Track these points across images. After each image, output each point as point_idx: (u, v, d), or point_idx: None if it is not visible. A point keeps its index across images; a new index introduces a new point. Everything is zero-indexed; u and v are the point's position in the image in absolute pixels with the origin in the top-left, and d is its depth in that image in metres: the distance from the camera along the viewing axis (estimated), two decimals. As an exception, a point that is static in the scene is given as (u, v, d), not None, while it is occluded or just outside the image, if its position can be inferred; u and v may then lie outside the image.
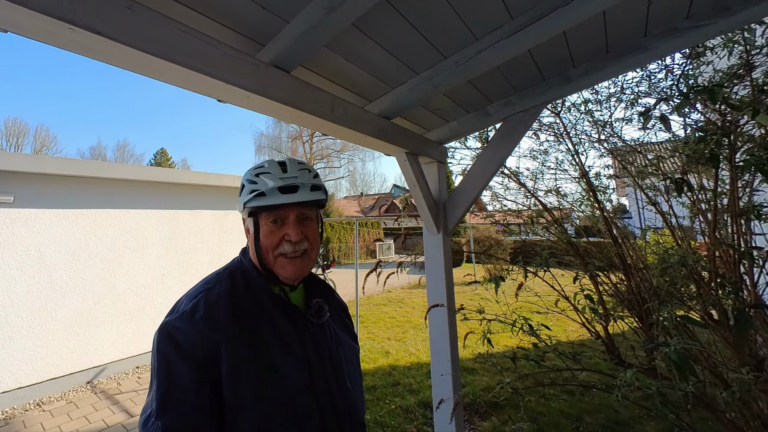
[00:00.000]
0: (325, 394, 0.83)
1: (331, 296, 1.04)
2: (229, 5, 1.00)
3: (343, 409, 0.85)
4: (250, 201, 0.84)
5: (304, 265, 0.89)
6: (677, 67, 1.81)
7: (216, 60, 0.96)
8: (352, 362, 0.96)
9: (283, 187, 0.84)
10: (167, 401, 0.69)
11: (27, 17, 0.69)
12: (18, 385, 3.72)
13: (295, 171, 0.88)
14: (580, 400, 3.55)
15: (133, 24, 0.81)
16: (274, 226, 0.86)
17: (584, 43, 1.53)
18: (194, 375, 0.71)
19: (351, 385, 0.91)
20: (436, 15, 1.20)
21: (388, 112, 1.68)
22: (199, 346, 0.73)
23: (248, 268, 0.90)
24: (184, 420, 0.68)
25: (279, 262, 0.87)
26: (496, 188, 3.15)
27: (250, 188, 0.86)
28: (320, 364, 0.85)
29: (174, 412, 0.68)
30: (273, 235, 0.86)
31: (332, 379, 0.86)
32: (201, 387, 0.71)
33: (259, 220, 0.87)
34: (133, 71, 0.90)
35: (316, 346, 0.87)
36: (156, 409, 0.69)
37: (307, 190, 0.86)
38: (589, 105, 2.54)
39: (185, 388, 0.70)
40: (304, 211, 0.89)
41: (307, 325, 0.88)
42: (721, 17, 1.35)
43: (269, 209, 0.85)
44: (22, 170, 3.74)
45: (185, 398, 0.70)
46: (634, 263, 2.08)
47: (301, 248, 0.87)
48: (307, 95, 1.25)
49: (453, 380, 1.99)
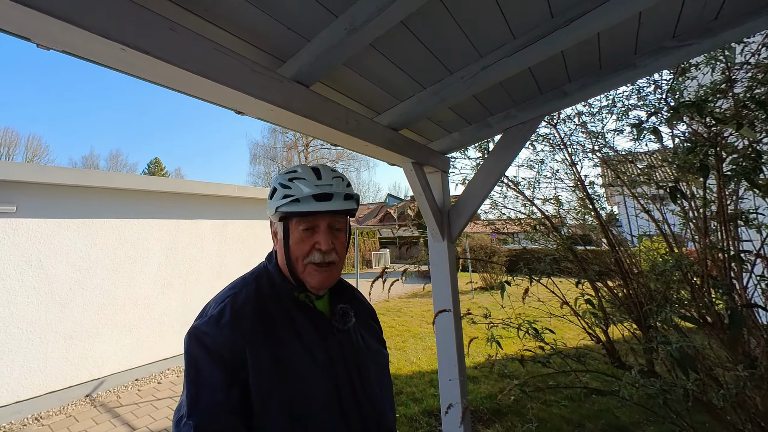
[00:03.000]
0: (350, 400, 0.82)
1: (358, 301, 1.04)
2: (255, 24, 1.08)
3: (370, 416, 0.85)
4: (283, 206, 0.84)
5: (331, 276, 0.88)
6: (665, 82, 1.93)
7: (246, 76, 1.04)
8: (381, 368, 0.96)
9: (318, 194, 0.83)
10: (198, 402, 0.71)
11: (86, 39, 0.76)
12: (16, 399, 3.65)
13: (330, 179, 0.88)
14: (581, 406, 3.58)
15: (176, 44, 0.88)
16: (305, 234, 0.86)
17: (580, 60, 1.65)
18: (223, 376, 0.73)
19: (379, 391, 0.90)
20: (446, 34, 1.30)
21: (396, 123, 1.77)
22: (226, 349, 0.75)
23: (274, 273, 0.91)
24: (215, 419, 0.70)
25: (308, 271, 0.87)
26: (495, 197, 3.26)
27: (283, 192, 0.85)
28: (345, 370, 0.85)
29: (205, 412, 0.70)
30: (304, 243, 0.86)
31: (358, 385, 0.85)
32: (230, 388, 0.73)
33: (290, 226, 0.87)
34: (173, 89, 0.97)
35: (342, 351, 0.87)
36: (188, 409, 0.71)
37: (341, 199, 0.86)
38: (582, 117, 2.68)
39: (215, 389, 0.72)
40: (336, 219, 0.89)
41: (332, 331, 0.88)
42: (705, 38, 1.47)
43: (302, 215, 0.85)
44: (25, 180, 3.75)
45: (215, 399, 0.71)
46: (630, 269, 2.16)
47: (329, 259, 0.87)
48: (325, 108, 1.32)
49: (461, 384, 2.03)
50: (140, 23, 0.82)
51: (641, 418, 3.27)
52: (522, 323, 1.92)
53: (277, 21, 1.09)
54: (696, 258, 1.64)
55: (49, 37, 0.77)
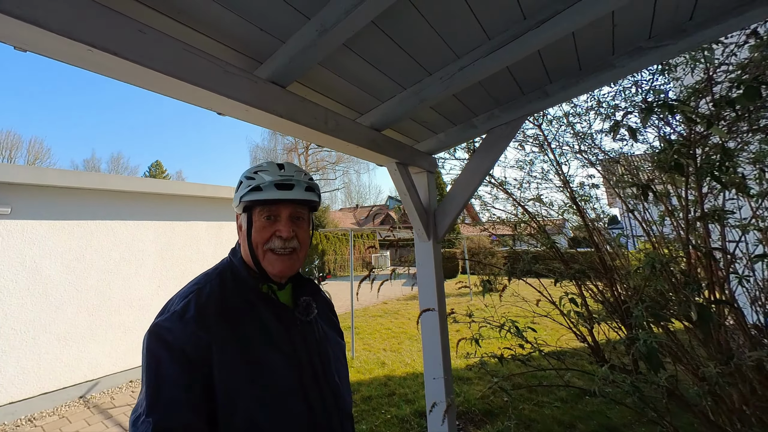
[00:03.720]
0: (314, 388, 0.85)
1: (318, 294, 1.07)
2: (229, 27, 1.10)
3: (331, 403, 0.88)
4: (246, 195, 0.88)
5: (292, 263, 0.91)
6: (645, 82, 1.94)
7: (218, 77, 1.06)
8: (339, 358, 0.99)
9: (279, 183, 0.87)
10: (158, 399, 0.70)
11: (50, 39, 0.78)
12: (9, 400, 3.67)
13: (292, 171, 0.91)
14: (572, 407, 3.58)
15: (144, 45, 0.90)
16: (267, 222, 0.89)
17: (558, 61, 1.67)
18: (184, 373, 0.73)
19: (339, 379, 0.94)
20: (420, 36, 1.32)
21: (378, 124, 1.79)
22: (189, 345, 0.75)
23: (238, 267, 0.92)
24: (175, 416, 0.69)
25: (268, 258, 0.89)
26: (486, 197, 3.27)
27: (247, 183, 0.89)
28: (309, 359, 0.88)
29: (164, 410, 0.69)
30: (265, 231, 0.89)
31: (321, 374, 0.89)
32: (191, 385, 0.72)
33: (253, 215, 0.90)
34: (143, 87, 0.99)
35: (305, 342, 0.90)
36: (146, 407, 0.70)
37: (302, 189, 0.89)
38: (570, 118, 2.70)
39: (175, 386, 0.71)
40: (297, 209, 0.92)
41: (296, 322, 0.91)
42: (680, 38, 1.49)
43: (264, 204, 0.89)
44: (20, 182, 3.78)
45: (175, 396, 0.70)
46: (613, 268, 2.18)
47: (291, 246, 0.90)
48: (303, 109, 1.34)
49: (445, 383, 2.04)
50: (107, 25, 0.84)
51: (633, 419, 3.26)
52: (505, 322, 1.93)
53: (251, 24, 1.11)
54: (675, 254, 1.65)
55: (20, 39, 0.79)
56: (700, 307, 1.02)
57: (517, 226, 2.34)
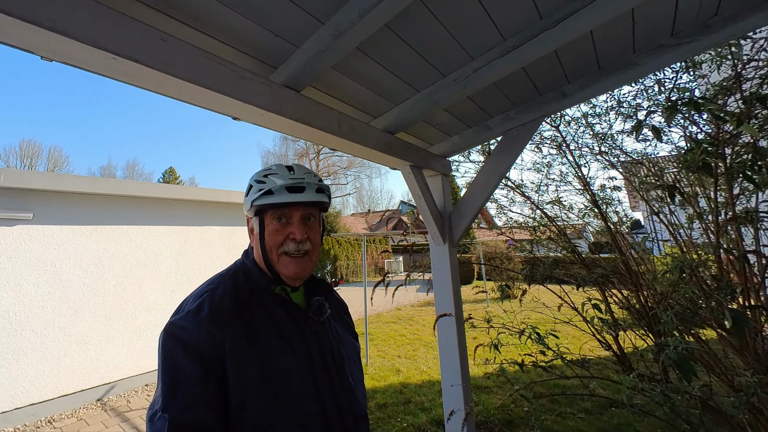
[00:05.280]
0: (327, 389, 0.85)
1: (331, 294, 1.07)
2: (246, 33, 1.11)
3: (346, 404, 0.87)
4: (257, 199, 0.87)
5: (306, 266, 0.91)
6: (669, 81, 1.88)
7: (235, 82, 1.07)
8: (353, 359, 0.99)
9: (290, 186, 0.87)
10: (174, 395, 0.71)
11: (78, 49, 0.80)
12: (30, 402, 3.76)
13: (302, 173, 0.92)
14: (597, 419, 3.44)
15: (166, 53, 0.91)
16: (279, 225, 0.89)
17: (576, 60, 1.63)
18: (200, 370, 0.73)
19: (353, 380, 0.93)
20: (434, 38, 1.31)
21: (392, 127, 1.78)
22: (204, 343, 0.75)
23: (251, 268, 0.92)
24: (190, 412, 0.70)
25: (282, 261, 0.89)
26: (502, 201, 3.21)
27: (258, 187, 0.89)
28: (322, 360, 0.88)
29: (180, 406, 0.70)
30: (278, 234, 0.89)
31: (334, 375, 0.88)
32: (206, 382, 0.73)
33: (265, 219, 0.90)
34: (164, 94, 1.00)
35: (318, 342, 0.89)
36: (163, 403, 0.71)
37: (313, 190, 0.89)
38: (589, 118, 2.63)
39: (191, 383, 0.72)
40: (309, 210, 0.92)
41: (309, 323, 0.91)
42: (703, 35, 1.44)
43: (275, 207, 0.88)
44: (41, 188, 3.91)
45: (191, 392, 0.71)
46: (639, 273, 2.10)
47: (304, 248, 0.90)
48: (316, 112, 1.34)
49: (464, 390, 1.99)
50: (131, 34, 0.86)
51: (663, 431, 3.12)
52: (525, 328, 1.87)
53: (266, 29, 1.12)
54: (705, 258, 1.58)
55: (48, 49, 0.81)
56: (734, 312, 0.96)
57: (536, 229, 2.28)
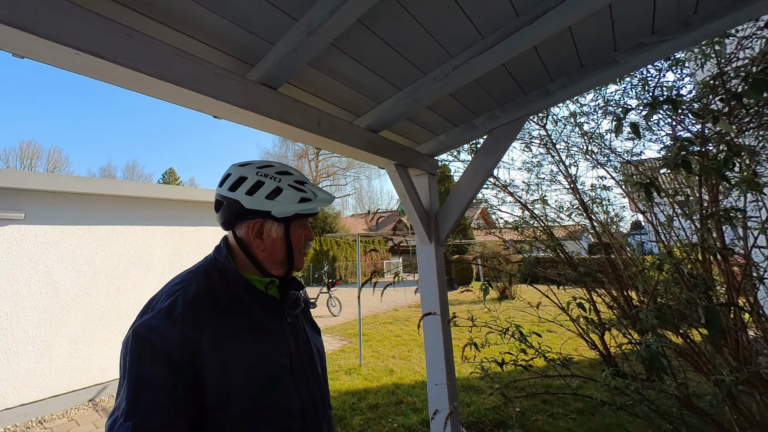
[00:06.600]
0: (302, 378, 0.89)
1: (302, 290, 1.09)
2: (219, 31, 1.11)
3: (317, 393, 0.92)
4: (302, 208, 0.92)
5: None
6: (653, 79, 1.88)
7: (207, 79, 1.06)
8: (320, 351, 1.04)
9: (322, 197, 0.96)
10: (138, 402, 0.68)
11: (39, 44, 0.80)
12: (21, 402, 3.75)
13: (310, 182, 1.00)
14: (589, 419, 3.43)
15: (132, 49, 0.91)
16: (302, 229, 0.97)
17: (557, 58, 1.63)
18: (167, 375, 0.70)
19: (320, 370, 0.98)
20: (411, 36, 1.30)
21: (376, 125, 1.77)
22: (176, 345, 0.72)
23: (225, 265, 0.90)
24: (155, 420, 0.67)
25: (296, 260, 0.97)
26: (492, 200, 3.21)
27: (299, 196, 0.92)
28: (297, 351, 0.91)
29: (144, 413, 0.67)
30: (302, 237, 0.97)
31: (307, 365, 0.92)
32: (174, 387, 0.70)
33: (292, 225, 0.94)
34: (132, 90, 1.00)
35: (294, 335, 0.92)
36: (125, 410, 0.67)
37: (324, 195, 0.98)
38: (576, 117, 2.63)
39: (157, 389, 0.69)
40: None
41: (285, 316, 0.93)
42: (684, 32, 1.44)
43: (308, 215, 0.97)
44: (33, 188, 3.90)
45: (156, 399, 0.68)
46: (625, 271, 2.09)
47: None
48: (295, 110, 1.34)
49: (448, 390, 1.98)
50: (94, 29, 0.85)
51: None
52: (509, 327, 1.87)
53: (240, 27, 1.11)
54: (687, 258, 1.58)
55: (14, 46, 0.81)
56: (705, 308, 0.96)
57: (519, 227, 2.28)
